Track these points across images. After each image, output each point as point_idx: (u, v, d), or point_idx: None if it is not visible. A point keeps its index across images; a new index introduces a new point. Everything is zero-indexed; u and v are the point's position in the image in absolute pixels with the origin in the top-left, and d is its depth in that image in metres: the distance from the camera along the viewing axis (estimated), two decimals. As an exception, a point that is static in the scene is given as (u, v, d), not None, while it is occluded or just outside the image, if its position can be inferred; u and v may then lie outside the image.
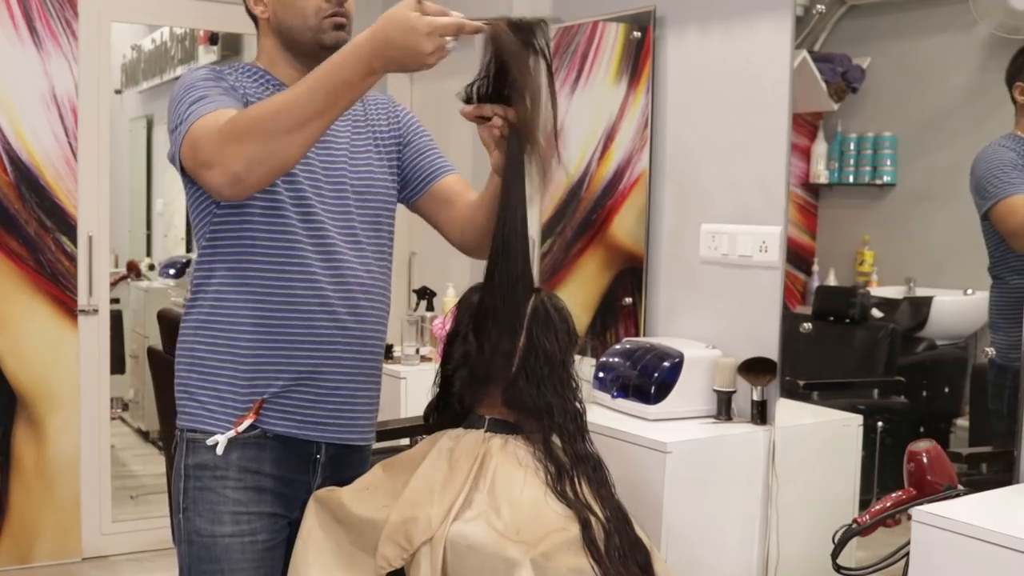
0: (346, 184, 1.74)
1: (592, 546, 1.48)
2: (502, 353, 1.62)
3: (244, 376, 1.68)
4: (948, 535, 1.84)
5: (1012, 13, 2.39)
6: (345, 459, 1.78)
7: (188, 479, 1.70)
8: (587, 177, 3.32)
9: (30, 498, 3.73)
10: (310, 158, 1.69)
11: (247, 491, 1.68)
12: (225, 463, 1.67)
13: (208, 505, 1.68)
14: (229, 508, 1.67)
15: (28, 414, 3.72)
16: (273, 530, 1.71)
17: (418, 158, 1.87)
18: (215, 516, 1.67)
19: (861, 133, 2.79)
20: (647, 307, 3.11)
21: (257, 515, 1.68)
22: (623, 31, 3.19)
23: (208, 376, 1.70)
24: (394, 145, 1.86)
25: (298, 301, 1.67)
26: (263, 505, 1.69)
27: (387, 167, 1.83)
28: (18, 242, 3.66)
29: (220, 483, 1.68)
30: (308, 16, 1.67)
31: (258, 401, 1.67)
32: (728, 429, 2.67)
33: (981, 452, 2.40)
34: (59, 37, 3.68)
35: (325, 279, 1.69)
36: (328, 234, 1.70)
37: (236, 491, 1.67)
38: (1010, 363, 2.26)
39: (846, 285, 2.83)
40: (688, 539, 2.50)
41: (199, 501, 1.68)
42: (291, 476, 1.72)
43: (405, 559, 1.54)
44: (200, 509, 1.68)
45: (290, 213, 1.67)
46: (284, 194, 1.66)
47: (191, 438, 1.70)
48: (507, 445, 1.61)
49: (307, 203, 1.68)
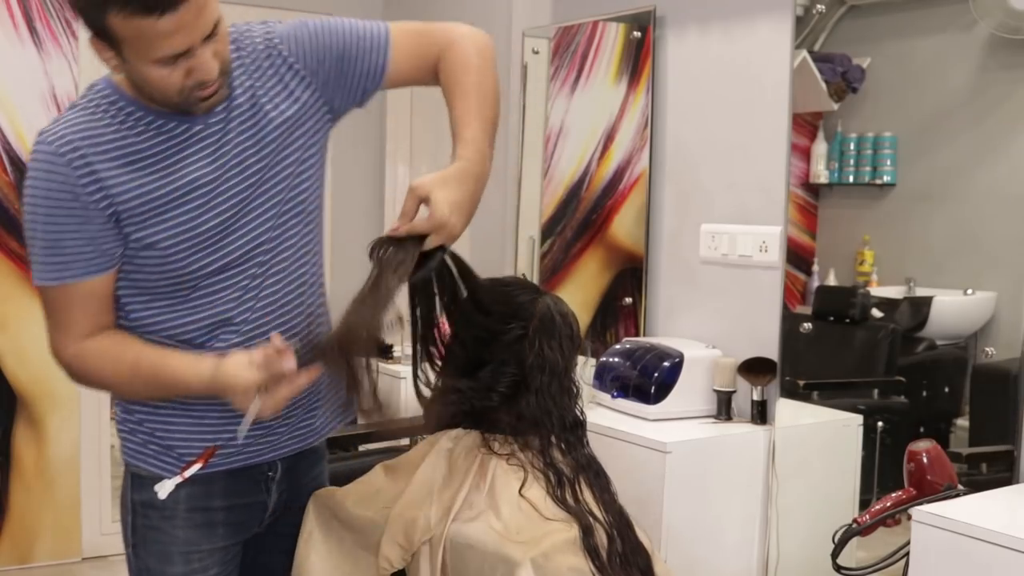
0: (260, 234, 1.55)
1: (594, 553, 1.47)
2: (498, 390, 1.60)
3: (192, 425, 1.58)
4: (948, 535, 1.84)
5: (1012, 13, 2.39)
6: (301, 465, 1.71)
7: (136, 515, 1.61)
8: (587, 177, 3.32)
9: (30, 498, 3.73)
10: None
11: (197, 529, 1.60)
12: (173, 502, 1.58)
13: (158, 545, 1.59)
14: (179, 548, 1.59)
15: (28, 414, 3.71)
16: (225, 561, 1.64)
17: (342, 79, 1.59)
18: (165, 556, 1.59)
19: (861, 133, 2.79)
20: (647, 307, 3.11)
21: (209, 551, 1.61)
22: (623, 31, 3.19)
23: (152, 417, 1.59)
24: (309, 97, 1.57)
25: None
26: (215, 540, 1.62)
27: (306, 145, 1.58)
28: (18, 242, 3.65)
29: (168, 523, 1.59)
30: (171, 96, 1.42)
31: (209, 449, 1.57)
32: (728, 429, 2.67)
33: (981, 452, 2.40)
34: (59, 37, 3.68)
35: (249, 325, 1.56)
36: (248, 284, 1.55)
37: (186, 530, 1.59)
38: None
39: (846, 285, 2.83)
40: (688, 539, 2.49)
41: (148, 540, 1.60)
42: (244, 501, 1.64)
43: (406, 559, 1.54)
44: (150, 548, 1.60)
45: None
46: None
47: (136, 472, 1.61)
48: (507, 446, 1.61)
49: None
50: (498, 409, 1.61)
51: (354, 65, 1.58)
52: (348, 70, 1.58)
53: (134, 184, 1.45)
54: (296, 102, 1.55)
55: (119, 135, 1.45)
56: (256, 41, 1.55)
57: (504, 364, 1.61)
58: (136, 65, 1.38)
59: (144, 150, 1.46)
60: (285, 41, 1.56)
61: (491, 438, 1.61)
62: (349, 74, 1.59)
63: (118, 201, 1.44)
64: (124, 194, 1.44)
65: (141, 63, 1.37)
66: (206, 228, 1.49)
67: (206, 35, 1.37)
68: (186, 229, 1.48)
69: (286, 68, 1.55)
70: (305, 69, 1.56)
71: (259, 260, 1.54)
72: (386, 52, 1.59)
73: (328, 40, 1.57)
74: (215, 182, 1.49)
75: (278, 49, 1.55)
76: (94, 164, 1.43)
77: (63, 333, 1.50)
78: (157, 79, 1.39)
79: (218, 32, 1.39)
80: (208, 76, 1.40)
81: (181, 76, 1.39)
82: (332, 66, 1.57)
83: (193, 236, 1.48)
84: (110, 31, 1.35)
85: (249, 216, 1.52)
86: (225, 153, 1.50)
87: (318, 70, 1.57)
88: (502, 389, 1.60)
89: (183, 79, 1.39)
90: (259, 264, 1.54)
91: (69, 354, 1.51)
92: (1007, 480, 2.24)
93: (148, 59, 1.36)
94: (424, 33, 1.63)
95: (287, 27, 1.58)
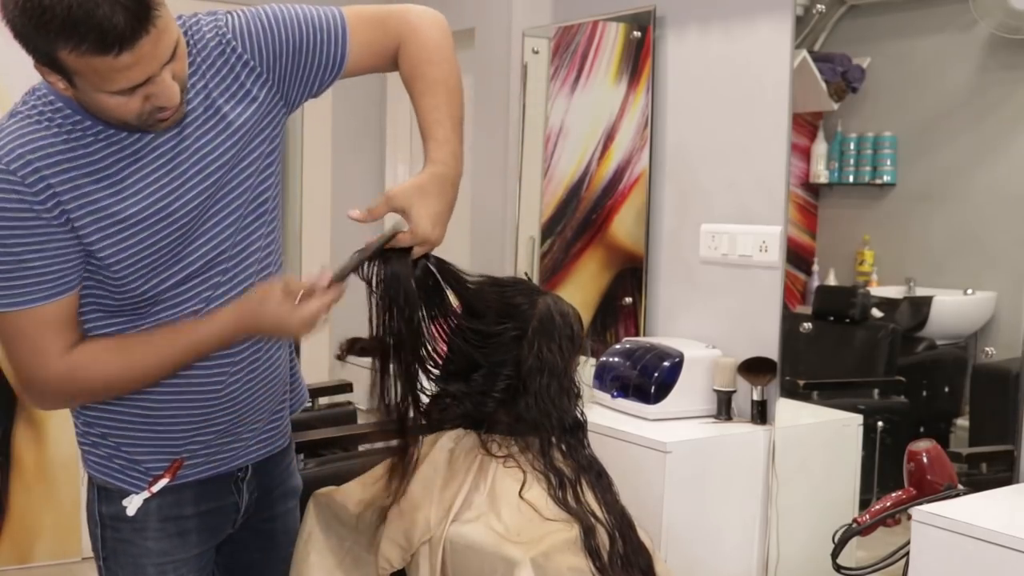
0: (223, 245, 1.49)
1: (595, 554, 1.47)
2: (492, 395, 1.60)
3: (158, 438, 1.54)
4: (948, 535, 1.84)
5: (1012, 13, 2.39)
6: (269, 462, 1.68)
7: (105, 528, 1.56)
8: (587, 177, 3.32)
9: (30, 498, 3.73)
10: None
11: (170, 539, 1.56)
12: (144, 514, 1.53)
13: (129, 559, 1.55)
14: (152, 560, 1.55)
15: (28, 414, 3.71)
16: (200, 567, 1.61)
17: (299, 72, 1.52)
18: (138, 569, 1.55)
19: (861, 133, 2.79)
20: (647, 307, 3.10)
21: (183, 560, 1.57)
22: (623, 31, 3.19)
23: (116, 431, 1.54)
24: (267, 95, 1.50)
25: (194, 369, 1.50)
26: (188, 548, 1.58)
27: (266, 145, 1.52)
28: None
29: (140, 535, 1.54)
30: (129, 120, 1.32)
31: (176, 462, 1.53)
32: (728, 429, 2.67)
33: (981, 452, 2.40)
34: (59, 37, 3.67)
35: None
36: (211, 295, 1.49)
37: (158, 541, 1.55)
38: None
39: (846, 285, 2.83)
40: (688, 539, 2.49)
41: (119, 553, 1.56)
42: (215, 505, 1.61)
43: (406, 560, 1.54)
44: (121, 561, 1.55)
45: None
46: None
47: (102, 485, 1.56)
48: (506, 448, 1.61)
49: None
50: (496, 411, 1.60)
51: (312, 58, 1.50)
52: (305, 63, 1.50)
53: (87, 200, 1.35)
54: (254, 101, 1.47)
55: (68, 147, 1.34)
56: (207, 37, 1.45)
57: (499, 367, 1.60)
58: (89, 94, 1.28)
59: (95, 163, 1.35)
60: (238, 36, 1.46)
61: (489, 439, 1.60)
62: (306, 67, 1.50)
63: (74, 217, 1.34)
64: (78, 210, 1.34)
65: (95, 93, 1.27)
66: (164, 244, 1.41)
67: (165, 62, 1.27)
68: (142, 248, 1.39)
69: (241, 65, 1.46)
70: (261, 65, 1.47)
71: (222, 268, 1.48)
72: (344, 43, 1.51)
73: (284, 33, 1.48)
74: (172, 194, 1.40)
75: (231, 45, 1.45)
76: (48, 179, 1.32)
77: (41, 356, 1.39)
78: (114, 107, 1.29)
79: (177, 54, 1.30)
80: (170, 102, 1.31)
81: (139, 102, 1.29)
82: (288, 60, 1.49)
83: (151, 255, 1.41)
84: (60, 64, 1.24)
85: (209, 224, 1.45)
86: (182, 163, 1.41)
87: (274, 65, 1.48)
88: (496, 395, 1.59)
89: (142, 104, 1.29)
90: (222, 272, 1.48)
91: (56, 372, 1.40)
92: (1007, 480, 2.24)
93: (104, 91, 1.26)
94: (382, 20, 1.55)
95: (238, 20, 1.47)
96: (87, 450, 1.58)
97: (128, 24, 1.20)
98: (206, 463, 1.58)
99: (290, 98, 1.53)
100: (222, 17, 1.48)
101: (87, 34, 1.19)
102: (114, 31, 1.19)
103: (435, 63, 1.54)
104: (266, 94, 1.49)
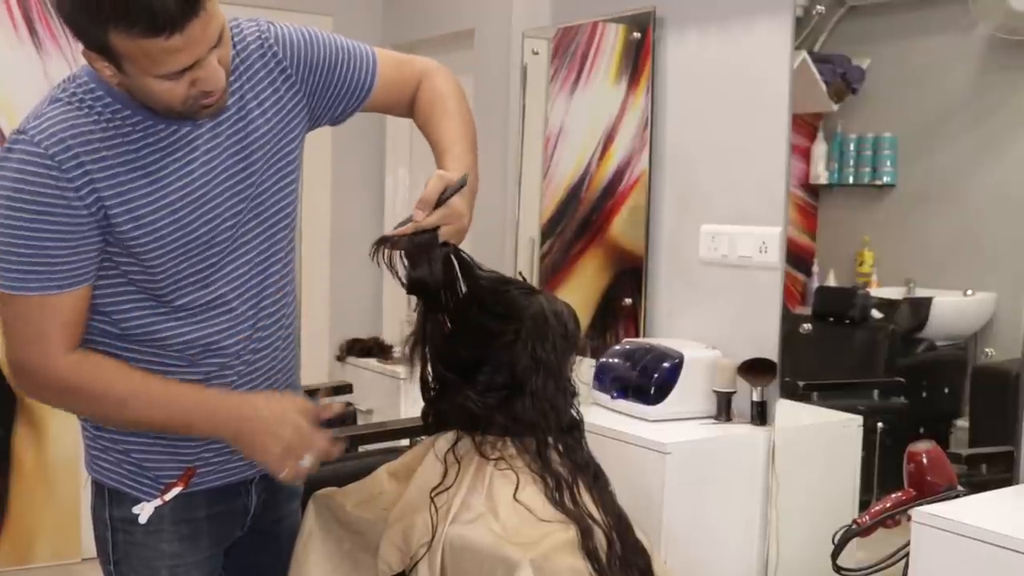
0: (249, 248, 1.54)
1: (593, 556, 1.47)
2: (488, 401, 1.59)
3: (170, 446, 1.55)
4: (948, 536, 1.84)
5: (1012, 14, 2.39)
6: None
7: (116, 531, 1.56)
8: (587, 178, 3.32)
9: (30, 498, 3.73)
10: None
11: (182, 541, 1.56)
12: (158, 517, 1.54)
13: (142, 561, 1.55)
14: (166, 563, 1.55)
15: (28, 415, 3.71)
16: (209, 570, 1.62)
17: (329, 91, 1.59)
18: (151, 572, 1.55)
19: (861, 134, 2.79)
20: (647, 308, 3.11)
21: (195, 563, 1.58)
22: (623, 32, 3.19)
23: (127, 437, 1.55)
24: (296, 105, 1.56)
25: (212, 365, 1.53)
26: (200, 552, 1.59)
27: (290, 152, 1.57)
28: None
29: (154, 538, 1.55)
30: (174, 105, 1.36)
31: (189, 470, 1.54)
32: (728, 430, 2.67)
33: (981, 453, 2.40)
34: (59, 38, 3.67)
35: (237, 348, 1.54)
36: (227, 299, 1.52)
37: (171, 544, 1.55)
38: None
39: (846, 286, 2.83)
40: (688, 540, 2.49)
41: (132, 556, 1.55)
42: (226, 508, 1.63)
43: (406, 563, 1.54)
44: (134, 564, 1.55)
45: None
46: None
47: (114, 489, 1.56)
48: (505, 448, 1.61)
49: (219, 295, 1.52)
50: (493, 413, 1.60)
51: (343, 78, 1.58)
52: (336, 81, 1.58)
53: (123, 188, 1.38)
54: (283, 108, 1.53)
55: (107, 135, 1.37)
56: (248, 40, 1.51)
57: (498, 370, 1.59)
58: (138, 79, 1.32)
59: (133, 152, 1.39)
60: (279, 43, 1.53)
61: (484, 442, 1.59)
62: (337, 85, 1.58)
63: (108, 204, 1.37)
64: (114, 198, 1.37)
65: (144, 77, 1.31)
66: (195, 236, 1.44)
67: (212, 46, 1.32)
68: (174, 238, 1.42)
69: (279, 71, 1.52)
70: (296, 75, 1.54)
71: (246, 259, 1.52)
72: (374, 73, 1.61)
73: (322, 50, 1.56)
74: (205, 187, 1.44)
75: (272, 50, 1.52)
76: (86, 164, 1.35)
77: (43, 343, 1.40)
78: (160, 91, 1.33)
79: (223, 39, 1.34)
80: (216, 86, 1.35)
81: (186, 87, 1.33)
82: (322, 75, 1.56)
83: (182, 244, 1.43)
84: (111, 48, 1.28)
85: (236, 221, 1.49)
86: (215, 157, 1.45)
87: (308, 78, 1.55)
88: (491, 401, 1.59)
89: (188, 89, 1.33)
90: (247, 263, 1.53)
91: (63, 364, 1.41)
92: (1007, 481, 2.24)
93: (152, 75, 1.30)
94: (403, 63, 1.67)
95: (279, 29, 1.54)
96: (96, 455, 1.59)
97: (178, 7, 1.24)
98: (218, 471, 1.59)
99: (315, 113, 1.59)
100: (263, 23, 1.54)
101: (139, 16, 1.23)
102: (165, 13, 1.24)
103: (452, 99, 1.65)
104: (296, 103, 1.55)
